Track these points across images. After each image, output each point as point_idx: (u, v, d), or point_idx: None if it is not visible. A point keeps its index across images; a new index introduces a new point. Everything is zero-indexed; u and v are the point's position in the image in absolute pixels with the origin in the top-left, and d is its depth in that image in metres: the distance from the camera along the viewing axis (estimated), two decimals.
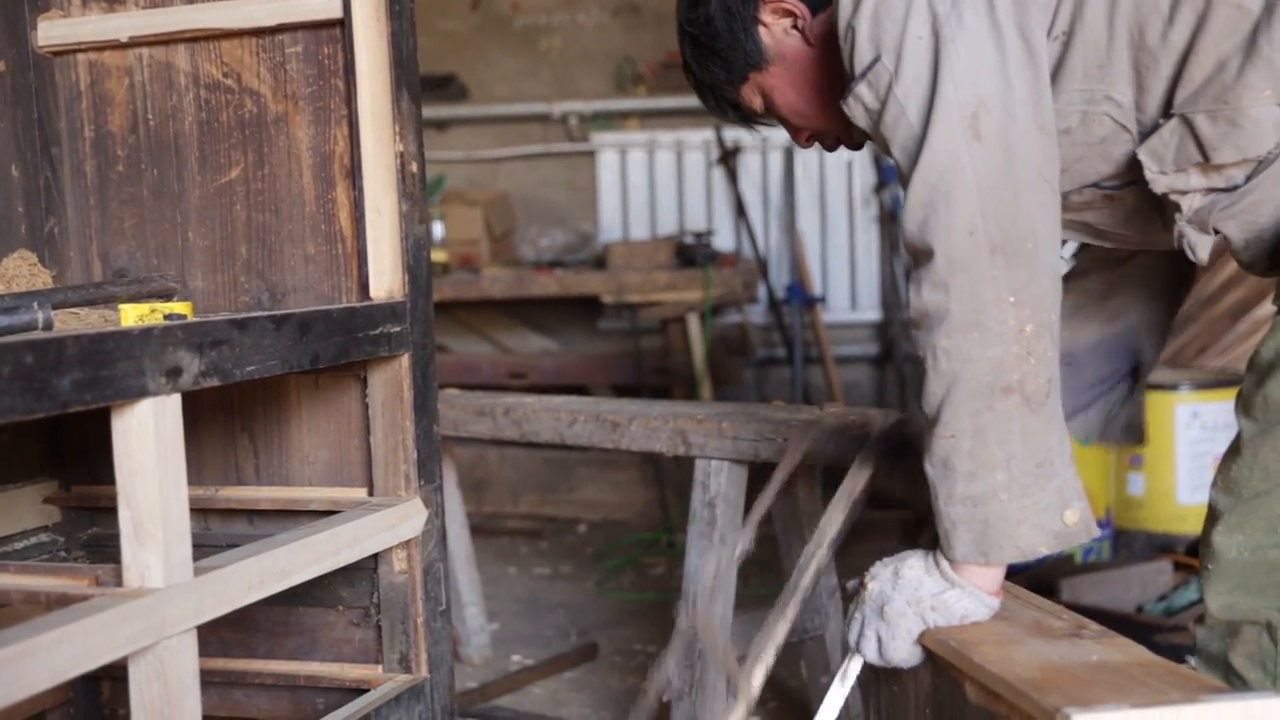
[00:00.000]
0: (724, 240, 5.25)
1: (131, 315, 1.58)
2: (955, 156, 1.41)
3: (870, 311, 5.32)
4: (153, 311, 1.59)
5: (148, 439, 1.38)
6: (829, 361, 5.05)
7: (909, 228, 1.45)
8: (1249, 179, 1.46)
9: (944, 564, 1.52)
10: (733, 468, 2.18)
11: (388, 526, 1.78)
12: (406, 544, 1.84)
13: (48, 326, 1.46)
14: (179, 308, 1.62)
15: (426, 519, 1.86)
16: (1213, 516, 1.49)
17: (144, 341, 1.36)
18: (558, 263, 5.05)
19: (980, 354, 1.40)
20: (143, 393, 1.36)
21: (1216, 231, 1.49)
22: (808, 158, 5.29)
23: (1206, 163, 1.46)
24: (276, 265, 1.93)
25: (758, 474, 2.18)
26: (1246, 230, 1.49)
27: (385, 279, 1.85)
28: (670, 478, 4.46)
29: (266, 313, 1.58)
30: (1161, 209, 1.54)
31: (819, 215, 5.33)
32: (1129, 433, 1.84)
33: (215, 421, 1.98)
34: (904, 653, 1.53)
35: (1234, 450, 1.49)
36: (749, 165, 5.31)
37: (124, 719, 2.04)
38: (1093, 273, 1.84)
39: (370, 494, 1.88)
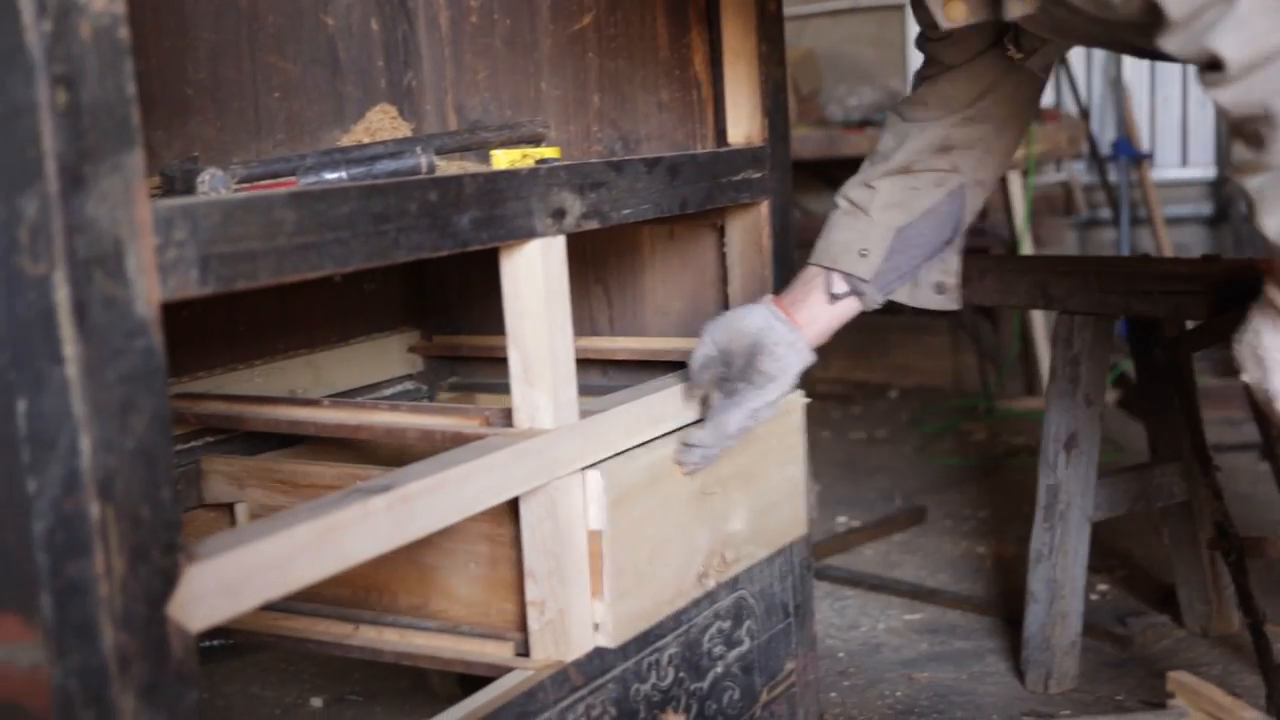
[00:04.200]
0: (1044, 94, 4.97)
1: (504, 161, 1.57)
2: None
3: (1204, 168, 4.96)
4: (524, 157, 1.58)
5: (536, 280, 1.38)
6: (1158, 222, 4.75)
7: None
8: None
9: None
10: (1099, 323, 2.05)
11: None
12: None
13: (430, 170, 1.47)
14: (548, 152, 1.61)
15: None
16: None
17: (532, 182, 1.35)
18: (867, 121, 4.89)
19: None
20: (531, 233, 1.35)
21: None
22: None
23: None
24: (629, 113, 1.90)
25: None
26: None
27: (744, 124, 1.79)
28: (986, 343, 4.31)
29: (639, 157, 1.55)
30: None
31: (1147, 64, 4.98)
32: (943, 294, 1.63)
33: (570, 273, 1.98)
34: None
35: None
36: None
37: None
38: (933, 122, 1.61)
39: None
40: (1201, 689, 1.34)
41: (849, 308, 1.59)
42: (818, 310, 1.57)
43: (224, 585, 1.02)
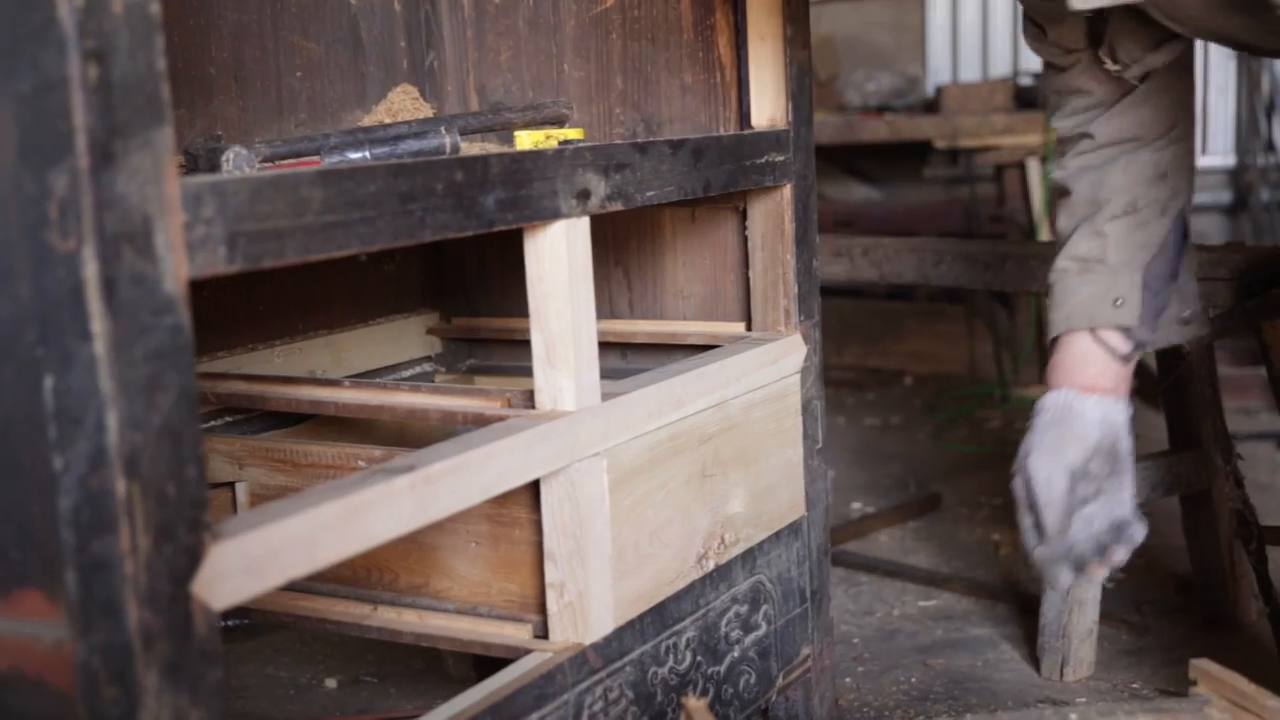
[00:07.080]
0: None
1: (527, 142, 1.57)
2: None
3: (1222, 156, 4.94)
4: (547, 138, 1.57)
5: (560, 262, 1.37)
6: None
7: None
8: None
9: None
10: None
11: (771, 361, 1.74)
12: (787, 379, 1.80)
13: (454, 151, 1.46)
14: (572, 134, 1.60)
15: (806, 355, 1.81)
16: None
17: (557, 163, 1.34)
18: (885, 107, 4.87)
19: None
20: (556, 214, 1.35)
21: None
22: None
23: None
24: (652, 96, 1.89)
25: None
26: None
27: (768, 107, 1.78)
28: (1002, 330, 4.30)
29: (663, 139, 1.54)
30: None
31: None
32: (1195, 325, 1.61)
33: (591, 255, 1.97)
34: None
35: None
36: None
37: None
38: (1139, 150, 1.57)
39: (748, 329, 1.85)
40: (1224, 677, 1.34)
41: (1135, 357, 1.57)
42: (1118, 374, 1.55)
43: (248, 564, 1.02)
